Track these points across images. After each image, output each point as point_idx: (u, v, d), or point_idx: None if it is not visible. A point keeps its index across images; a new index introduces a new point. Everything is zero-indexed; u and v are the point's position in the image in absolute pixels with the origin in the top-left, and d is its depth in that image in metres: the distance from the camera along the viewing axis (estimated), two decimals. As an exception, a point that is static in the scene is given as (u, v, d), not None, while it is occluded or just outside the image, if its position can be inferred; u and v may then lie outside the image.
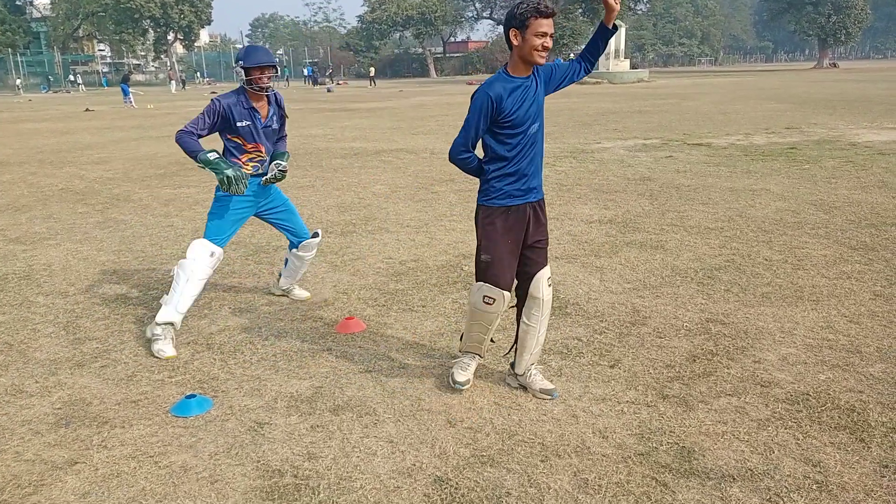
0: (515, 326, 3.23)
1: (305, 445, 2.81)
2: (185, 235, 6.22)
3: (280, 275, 4.60)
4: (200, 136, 3.78)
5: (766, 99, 22.07)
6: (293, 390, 3.29)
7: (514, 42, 2.84)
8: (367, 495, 2.49)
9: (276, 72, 3.91)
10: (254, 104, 3.87)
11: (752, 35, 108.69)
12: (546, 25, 2.80)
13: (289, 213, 4.27)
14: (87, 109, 26.23)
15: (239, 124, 3.83)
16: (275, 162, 4.08)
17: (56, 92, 49.78)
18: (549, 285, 3.12)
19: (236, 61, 3.87)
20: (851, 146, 10.75)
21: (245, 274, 5.17)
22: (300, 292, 4.61)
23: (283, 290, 4.62)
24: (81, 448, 2.83)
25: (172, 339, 3.79)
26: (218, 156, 3.77)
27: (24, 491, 2.56)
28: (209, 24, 68.81)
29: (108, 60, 74.67)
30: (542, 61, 2.87)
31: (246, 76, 3.78)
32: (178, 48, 70.00)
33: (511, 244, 3.01)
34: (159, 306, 3.86)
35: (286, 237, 4.35)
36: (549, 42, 2.83)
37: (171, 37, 65.52)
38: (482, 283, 3.03)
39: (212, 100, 3.83)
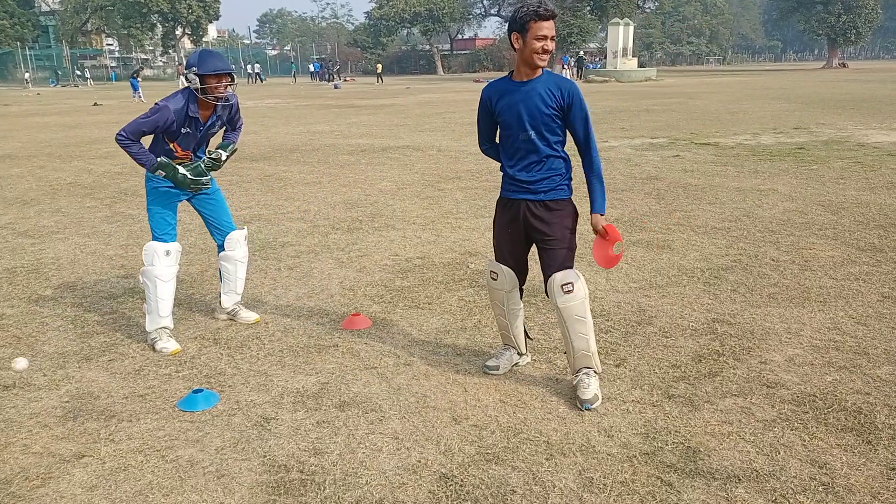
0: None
1: (311, 441, 2.82)
2: (191, 230, 6.24)
3: (220, 294, 4.15)
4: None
5: (774, 98, 21.98)
6: (299, 386, 3.30)
7: (516, 45, 2.91)
8: (373, 491, 2.50)
9: (233, 80, 3.62)
10: (199, 112, 3.61)
11: (760, 34, 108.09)
12: (546, 28, 2.84)
13: (217, 205, 3.96)
14: (95, 104, 26.31)
15: (182, 130, 3.60)
16: (214, 150, 3.73)
17: (64, 86, 49.96)
18: (566, 291, 2.99)
19: (187, 67, 3.53)
20: (860, 147, 10.70)
21: (251, 269, 5.17)
22: (247, 314, 4.15)
23: (229, 314, 4.16)
24: (89, 441, 2.85)
25: (169, 335, 3.79)
26: (167, 160, 3.54)
27: (32, 483, 2.58)
28: (217, 20, 68.90)
29: (116, 55, 74.89)
30: (544, 63, 2.92)
31: (200, 84, 3.49)
32: (186, 43, 70.09)
33: (511, 232, 3.17)
34: (143, 315, 3.85)
35: (213, 236, 4.06)
36: (549, 45, 2.87)
37: (178, 32, 65.62)
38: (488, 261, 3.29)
39: (158, 104, 3.51)
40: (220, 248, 4.07)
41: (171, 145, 3.65)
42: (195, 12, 62.34)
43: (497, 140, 3.22)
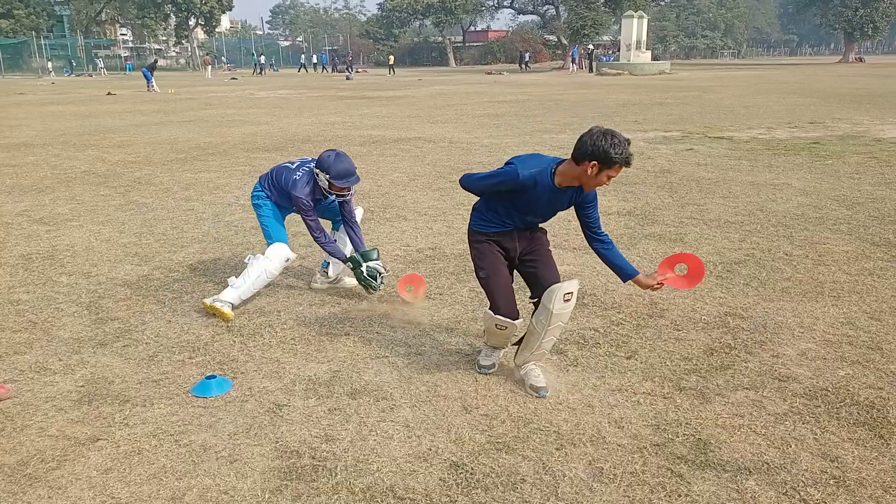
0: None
1: (323, 428, 2.84)
2: (205, 219, 6.27)
3: (326, 265, 4.51)
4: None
5: (789, 93, 21.77)
6: (311, 373, 3.33)
7: (588, 171, 2.84)
8: (384, 478, 2.51)
9: (357, 181, 4.05)
10: (322, 195, 4.14)
11: (776, 28, 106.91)
12: (620, 172, 2.94)
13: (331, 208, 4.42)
14: (109, 93, 26.44)
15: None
16: (376, 267, 4.17)
17: (79, 75, 50.23)
18: (567, 300, 2.98)
19: (319, 165, 3.93)
20: (876, 142, 10.59)
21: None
22: (350, 280, 4.50)
23: (331, 282, 4.52)
24: (104, 425, 2.89)
25: (232, 306, 4.03)
26: (361, 267, 4.11)
27: (48, 465, 2.62)
28: (230, 10, 69.12)
29: (130, 45, 75.21)
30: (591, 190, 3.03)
31: (329, 187, 3.97)
32: (199, 34, 70.30)
33: (508, 266, 3.17)
34: (226, 284, 4.11)
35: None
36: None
37: (192, 22, 65.82)
38: (492, 314, 3.08)
39: (299, 198, 4.03)
40: (336, 224, 4.50)
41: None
42: (209, 3, 62.51)
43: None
